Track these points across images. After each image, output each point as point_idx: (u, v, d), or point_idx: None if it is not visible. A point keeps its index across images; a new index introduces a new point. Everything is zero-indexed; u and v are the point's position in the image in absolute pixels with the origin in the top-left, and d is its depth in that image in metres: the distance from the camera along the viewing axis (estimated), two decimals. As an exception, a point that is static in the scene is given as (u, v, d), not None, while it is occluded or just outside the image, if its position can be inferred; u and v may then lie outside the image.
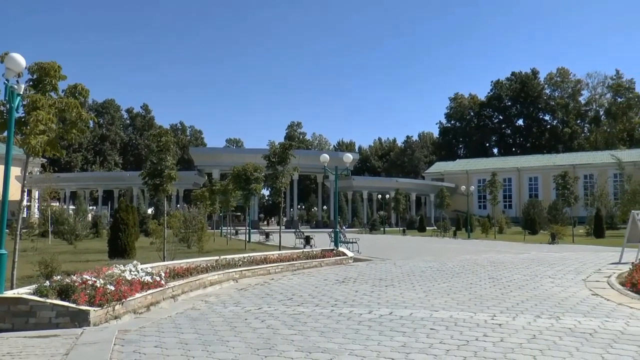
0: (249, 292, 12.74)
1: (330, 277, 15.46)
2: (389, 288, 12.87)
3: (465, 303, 10.61)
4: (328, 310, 9.99)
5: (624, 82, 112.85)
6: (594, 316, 9.24)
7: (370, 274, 16.09)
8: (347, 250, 22.54)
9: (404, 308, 10.08)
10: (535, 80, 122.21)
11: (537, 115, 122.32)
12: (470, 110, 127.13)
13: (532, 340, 7.47)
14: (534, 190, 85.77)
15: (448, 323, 8.66)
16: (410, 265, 18.80)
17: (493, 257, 22.25)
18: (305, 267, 18.30)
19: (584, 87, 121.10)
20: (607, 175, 74.52)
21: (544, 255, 22.67)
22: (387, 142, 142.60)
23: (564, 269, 16.98)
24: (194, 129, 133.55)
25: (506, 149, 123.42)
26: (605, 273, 15.39)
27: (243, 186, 28.00)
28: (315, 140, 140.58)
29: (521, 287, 12.94)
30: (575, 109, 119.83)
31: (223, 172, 61.82)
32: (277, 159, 25.19)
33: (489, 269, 16.97)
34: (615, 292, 12.12)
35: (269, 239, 36.90)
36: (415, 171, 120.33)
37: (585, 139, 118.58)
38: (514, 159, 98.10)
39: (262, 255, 18.23)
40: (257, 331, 8.21)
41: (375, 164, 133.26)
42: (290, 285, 13.82)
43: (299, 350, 6.97)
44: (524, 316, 9.23)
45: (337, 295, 11.90)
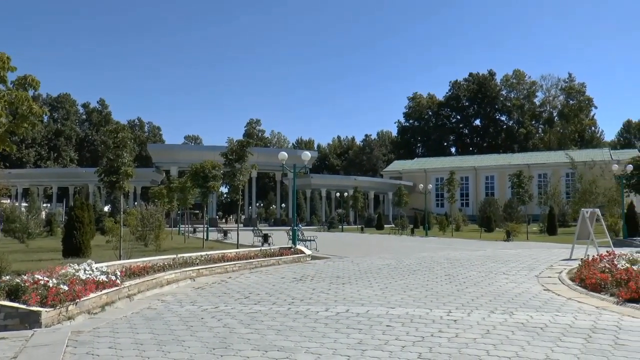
0: (206, 291, 12.64)
1: (287, 275, 15.45)
2: (346, 285, 12.94)
3: (421, 300, 10.74)
4: (285, 308, 9.99)
5: (576, 85, 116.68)
6: (545, 311, 9.51)
7: (327, 272, 16.15)
8: (305, 248, 22.54)
9: (360, 305, 10.15)
10: (492, 81, 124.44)
11: (493, 115, 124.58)
12: (428, 110, 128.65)
13: (486, 335, 7.62)
14: (491, 188, 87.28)
15: (404, 320, 8.75)
16: (368, 262, 18.94)
17: (450, 254, 22.56)
18: (263, 265, 18.23)
19: (538, 89, 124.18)
20: (560, 175, 76.38)
21: (499, 253, 23.12)
22: (346, 141, 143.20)
23: (518, 265, 17.37)
24: (152, 125, 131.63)
25: (464, 148, 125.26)
26: (556, 269, 15.82)
27: (201, 184, 27.76)
28: (274, 138, 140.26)
29: (476, 283, 13.18)
30: (530, 110, 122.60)
31: (181, 169, 61.20)
32: (235, 156, 25.04)
33: (445, 266, 17.22)
34: (565, 287, 12.48)
35: (227, 237, 36.67)
36: (373, 169, 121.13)
37: (540, 139, 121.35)
38: (471, 158, 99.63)
39: (220, 254, 18.08)
40: (214, 330, 8.16)
41: (334, 162, 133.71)
42: (248, 284, 13.76)
43: (255, 349, 6.96)
44: (478, 312, 9.41)
45: (294, 293, 11.91)
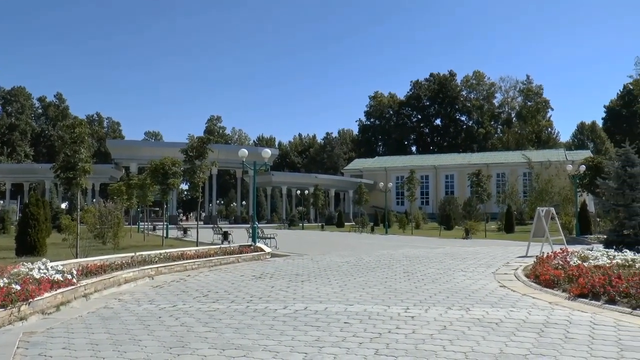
0: (165, 290, 12.53)
1: (247, 273, 15.42)
2: (305, 283, 12.99)
3: (379, 297, 10.85)
4: (243, 306, 9.98)
5: (534, 87, 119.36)
6: (501, 307, 9.73)
7: (287, 270, 16.17)
8: (264, 246, 22.53)
9: (319, 303, 10.21)
10: (452, 82, 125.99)
11: (454, 115, 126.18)
12: (389, 109, 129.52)
13: (443, 331, 7.76)
14: (450, 187, 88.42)
15: (362, 316, 8.84)
16: (327, 260, 19.03)
17: (409, 252, 22.80)
18: (223, 263, 18.15)
19: (497, 90, 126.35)
20: (518, 174, 77.83)
21: (458, 250, 23.47)
22: (307, 139, 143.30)
23: (476, 262, 17.69)
24: (112, 121, 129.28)
25: (424, 147, 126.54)
26: (513, 266, 16.17)
27: (161, 181, 27.44)
28: (235, 134, 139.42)
29: (434, 280, 13.36)
30: (489, 111, 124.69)
31: (141, 165, 60.22)
32: (195, 153, 24.80)
33: (404, 264, 17.41)
34: (521, 283, 12.78)
35: (187, 235, 36.31)
36: (334, 167, 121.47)
37: (498, 139, 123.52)
38: (432, 157, 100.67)
39: (179, 252, 17.92)
40: (171, 329, 8.10)
41: (295, 159, 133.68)
42: (207, 282, 13.69)
43: (212, 348, 6.94)
44: (436, 308, 9.56)
45: (253, 291, 11.90)
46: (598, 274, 11.30)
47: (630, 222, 18.24)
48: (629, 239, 17.97)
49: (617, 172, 18.96)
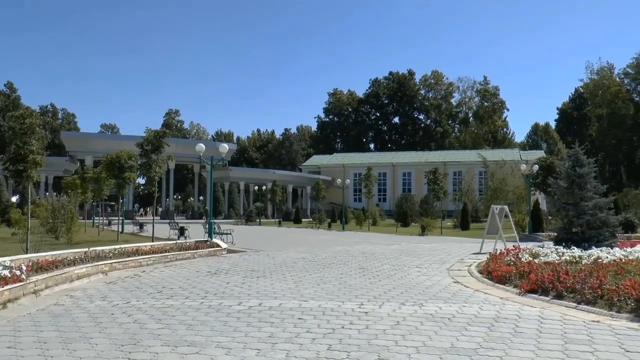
0: (118, 286, 12.34)
1: (202, 269, 15.32)
2: (261, 279, 12.98)
3: (334, 293, 10.91)
4: (198, 302, 9.92)
5: (490, 88, 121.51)
6: (454, 302, 9.92)
7: (242, 265, 16.13)
8: (221, 242, 22.40)
9: (273, 299, 10.21)
10: (411, 81, 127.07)
11: (412, 114, 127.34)
12: (348, 106, 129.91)
13: (396, 327, 7.86)
14: (408, 184, 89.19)
15: (316, 312, 8.88)
16: (284, 256, 19.04)
17: (365, 248, 22.97)
18: (178, 259, 17.99)
19: (455, 90, 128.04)
20: (474, 173, 78.99)
21: (414, 247, 23.76)
22: (266, 134, 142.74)
23: (431, 259, 17.94)
24: (67, 112, 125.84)
25: (382, 144, 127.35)
26: (467, 262, 16.48)
27: (116, 174, 26.93)
28: (194, 129, 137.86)
29: (389, 276, 13.50)
30: (447, 110, 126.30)
31: (97, 159, 58.91)
32: (151, 147, 24.47)
33: (360, 260, 17.54)
34: (474, 279, 13.03)
35: (143, 230, 35.83)
36: (292, 163, 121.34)
37: (456, 139, 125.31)
38: (390, 154, 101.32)
39: (134, 247, 17.70)
40: (123, 326, 7.98)
41: (253, 155, 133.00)
42: (162, 278, 13.55)
43: (165, 345, 6.87)
44: (389, 304, 9.67)
45: (208, 287, 11.83)
46: (547, 270, 11.62)
47: (579, 220, 18.72)
48: (577, 237, 18.46)
49: (567, 172, 19.42)
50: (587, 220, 18.63)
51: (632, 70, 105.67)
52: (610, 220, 19.17)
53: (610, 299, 9.18)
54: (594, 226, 18.73)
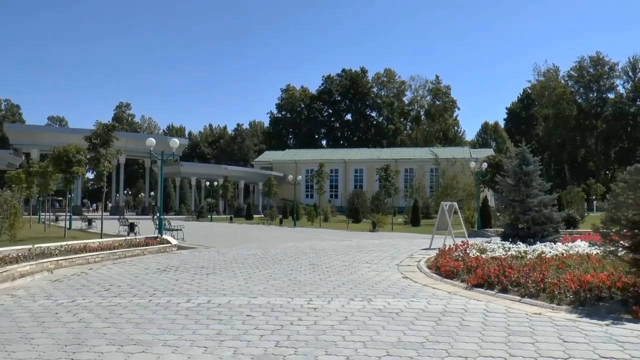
0: (64, 284, 12.02)
1: (151, 266, 15.11)
2: (210, 276, 12.87)
3: (284, 289, 10.92)
4: (146, 300, 9.77)
5: (442, 87, 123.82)
6: (402, 297, 10.04)
7: (192, 262, 15.98)
8: (171, 238, 22.13)
9: (223, 296, 10.15)
10: (364, 78, 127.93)
11: (364, 111, 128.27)
12: (301, 103, 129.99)
13: (344, 322, 7.91)
14: (359, 181, 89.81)
15: (265, 309, 8.87)
16: (234, 252, 18.95)
17: (316, 244, 23.04)
18: (128, 256, 17.69)
19: (407, 89, 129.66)
20: (425, 170, 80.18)
21: (364, 243, 23.94)
22: (218, 129, 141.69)
23: (381, 255, 18.12)
24: (10, 103, 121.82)
25: (334, 141, 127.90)
26: (416, 258, 16.70)
27: (64, 169, 26.28)
28: (145, 123, 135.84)
29: (339, 272, 13.58)
30: (399, 108, 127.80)
31: (43, 152, 57.31)
32: (100, 140, 23.96)
33: (310, 256, 17.59)
34: (422, 275, 13.22)
35: (92, 226, 35.04)
36: (244, 159, 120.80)
37: (407, 136, 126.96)
38: (342, 151, 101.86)
39: (82, 244, 17.27)
40: (68, 326, 7.77)
41: (205, 150, 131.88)
42: (109, 275, 13.29)
43: (110, 344, 6.73)
44: (338, 300, 9.73)
45: (157, 284, 11.67)
46: (494, 265, 11.90)
47: (525, 217, 19.17)
48: (523, 232, 18.91)
49: (514, 170, 19.86)
50: (533, 217, 19.12)
51: (575, 73, 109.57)
52: (554, 217, 19.72)
53: (552, 292, 9.50)
54: (538, 222, 19.23)
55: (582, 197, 55.40)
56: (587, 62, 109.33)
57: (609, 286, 9.29)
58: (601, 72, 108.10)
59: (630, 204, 9.19)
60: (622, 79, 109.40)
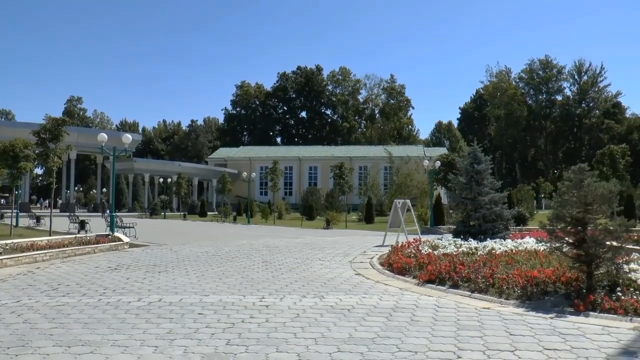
0: (9, 284, 11.66)
1: (102, 264, 14.83)
2: (162, 274, 12.73)
3: (236, 287, 10.87)
4: (95, 299, 9.59)
5: (397, 87, 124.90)
6: (354, 294, 10.13)
7: (144, 260, 15.77)
8: (123, 236, 21.76)
9: (174, 294, 10.05)
10: (319, 76, 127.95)
11: (319, 109, 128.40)
12: (256, 99, 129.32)
13: (296, 319, 7.94)
14: (314, 178, 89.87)
15: (217, 307, 8.82)
16: (187, 250, 18.78)
17: (269, 241, 22.99)
18: (78, 254, 17.31)
19: (362, 87, 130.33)
20: (379, 168, 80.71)
21: (318, 240, 24.01)
22: (172, 125, 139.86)
23: (334, 252, 18.21)
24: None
25: (289, 138, 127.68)
26: (369, 255, 16.86)
27: (10, 164, 25.53)
28: (97, 118, 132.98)
29: (292, 269, 13.60)
30: (354, 106, 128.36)
31: (-12, 147, 55.65)
32: (49, 135, 23.36)
33: (263, 253, 17.56)
34: (375, 271, 13.36)
35: (40, 224, 34.19)
36: (199, 156, 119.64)
37: (362, 134, 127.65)
38: (296, 148, 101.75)
39: (29, 242, 16.84)
40: (11, 327, 7.52)
41: (159, 146, 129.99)
42: (58, 274, 12.98)
43: (57, 345, 6.56)
44: (291, 297, 9.75)
45: (107, 283, 11.46)
46: (445, 261, 12.12)
47: (476, 214, 19.55)
48: (474, 229, 19.27)
49: (467, 169, 20.22)
50: (484, 214, 19.50)
51: (525, 75, 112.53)
52: (504, 214, 20.17)
53: (501, 287, 9.75)
54: (489, 219, 19.63)
55: (531, 195, 56.90)
56: (537, 65, 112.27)
57: (554, 281, 9.61)
58: (550, 74, 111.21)
59: (574, 202, 9.46)
60: (568, 81, 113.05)
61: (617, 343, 6.74)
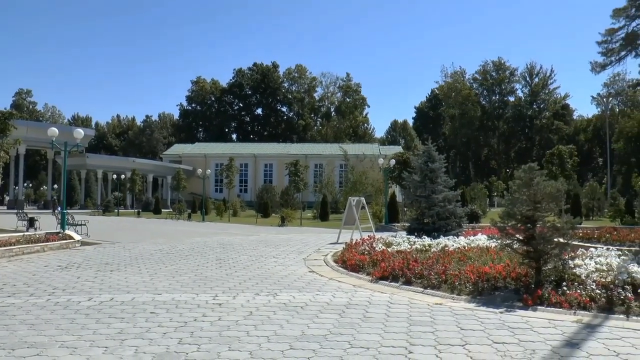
0: (-52, 285, 11.25)
1: (52, 263, 14.48)
2: (114, 273, 12.51)
3: (189, 285, 10.77)
4: (43, 300, 9.33)
5: (353, 85, 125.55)
6: (308, 291, 10.15)
7: (96, 259, 15.47)
8: (74, 234, 21.29)
9: (126, 293, 9.89)
10: (275, 73, 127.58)
11: (275, 106, 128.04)
12: (211, 96, 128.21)
13: (249, 317, 7.92)
14: (269, 176, 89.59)
15: (169, 306, 8.72)
16: (140, 248, 18.53)
17: (224, 239, 22.86)
18: (26, 253, 16.84)
19: (318, 85, 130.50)
20: (335, 165, 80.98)
21: (273, 237, 23.97)
22: (126, 120, 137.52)
23: (288, 249, 18.22)
24: None
25: (245, 135, 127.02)
26: (323, 252, 16.93)
27: (-47, 159, 24.76)
28: (48, 112, 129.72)
29: (246, 267, 13.55)
30: (309, 104, 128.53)
31: None
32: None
33: (217, 251, 17.46)
34: (329, 268, 13.41)
35: (-15, 222, 33.24)
36: (153, 152, 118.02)
37: (318, 132, 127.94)
38: (252, 145, 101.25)
39: (-28, 240, 16.38)
40: (-50, 330, 7.21)
41: (113, 142, 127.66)
42: (3, 274, 12.58)
43: (0, 348, 6.36)
44: (244, 295, 9.71)
45: (57, 282, 11.19)
46: (399, 258, 12.26)
47: (430, 212, 19.84)
48: (428, 227, 19.56)
49: (421, 167, 20.50)
50: (437, 212, 19.80)
51: (479, 76, 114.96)
52: (458, 212, 20.53)
53: (453, 283, 9.92)
54: (443, 217, 19.95)
55: (484, 193, 57.99)
56: (491, 67, 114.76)
57: (505, 276, 9.84)
58: (503, 76, 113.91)
59: (524, 200, 9.69)
60: (520, 83, 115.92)
61: (562, 335, 6.98)
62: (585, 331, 7.18)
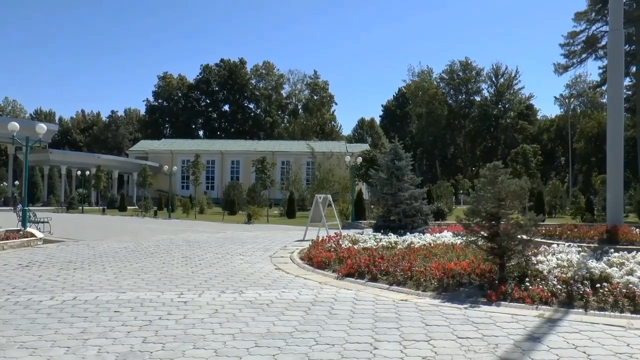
0: None
1: (12, 262, 14.14)
2: (78, 271, 12.29)
3: (154, 283, 10.67)
4: (2, 299, 9.09)
5: (320, 83, 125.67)
6: (274, 288, 10.15)
7: (59, 257, 15.18)
8: (36, 231, 20.88)
9: (90, 292, 9.74)
10: (242, 69, 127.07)
11: (242, 102, 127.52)
12: (178, 91, 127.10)
13: (214, 315, 7.88)
14: (236, 173, 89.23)
15: (134, 304, 8.61)
16: (105, 246, 18.25)
17: (190, 236, 22.70)
18: (-17, 251, 16.50)
19: (285, 82, 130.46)
20: (302, 163, 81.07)
21: (239, 235, 23.90)
22: (91, 116, 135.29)
23: (255, 246, 18.18)
24: None
25: (212, 132, 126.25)
26: (290, 249, 16.92)
27: None
28: (9, 106, 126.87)
29: (212, 265, 13.47)
30: (277, 101, 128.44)
31: None
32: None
33: (183, 249, 17.32)
34: (295, 266, 13.42)
35: (-60, 219, 32.38)
36: (119, 148, 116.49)
37: (285, 129, 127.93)
38: (219, 142, 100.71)
39: None
40: None
41: (77, 137, 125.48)
42: (-41, 273, 12.29)
43: (-47, 351, 6.15)
44: (210, 292, 9.65)
45: (17, 281, 10.93)
46: (365, 255, 12.33)
47: (396, 209, 20.00)
48: (394, 224, 19.72)
49: (388, 165, 20.66)
50: (404, 209, 19.98)
51: (446, 76, 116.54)
52: (424, 209, 20.75)
53: (418, 279, 10.03)
54: (409, 214, 20.14)
55: (450, 191, 58.74)
56: (457, 66, 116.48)
57: (469, 273, 10.00)
58: (469, 76, 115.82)
59: (489, 198, 9.83)
60: (486, 83, 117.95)
61: (524, 330, 7.12)
62: (546, 325, 7.34)
